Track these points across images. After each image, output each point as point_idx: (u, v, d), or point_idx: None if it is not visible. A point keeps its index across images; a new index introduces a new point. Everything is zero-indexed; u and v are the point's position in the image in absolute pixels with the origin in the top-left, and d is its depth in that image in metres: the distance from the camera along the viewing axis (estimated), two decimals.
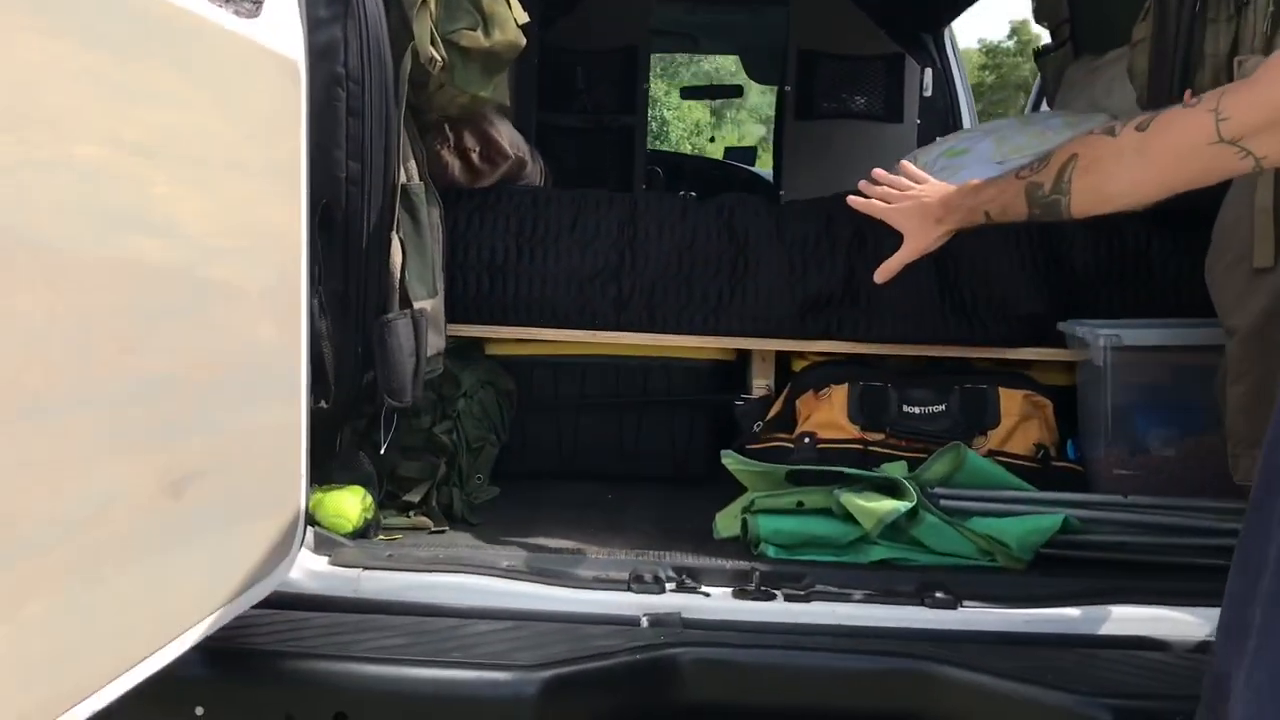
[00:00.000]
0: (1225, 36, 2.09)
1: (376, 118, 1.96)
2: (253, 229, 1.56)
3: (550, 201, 2.50)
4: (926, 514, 2.02)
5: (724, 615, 1.91)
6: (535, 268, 2.45)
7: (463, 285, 2.44)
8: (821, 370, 2.45)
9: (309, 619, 1.85)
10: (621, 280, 2.46)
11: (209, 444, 1.44)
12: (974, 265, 2.43)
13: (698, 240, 2.47)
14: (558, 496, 2.50)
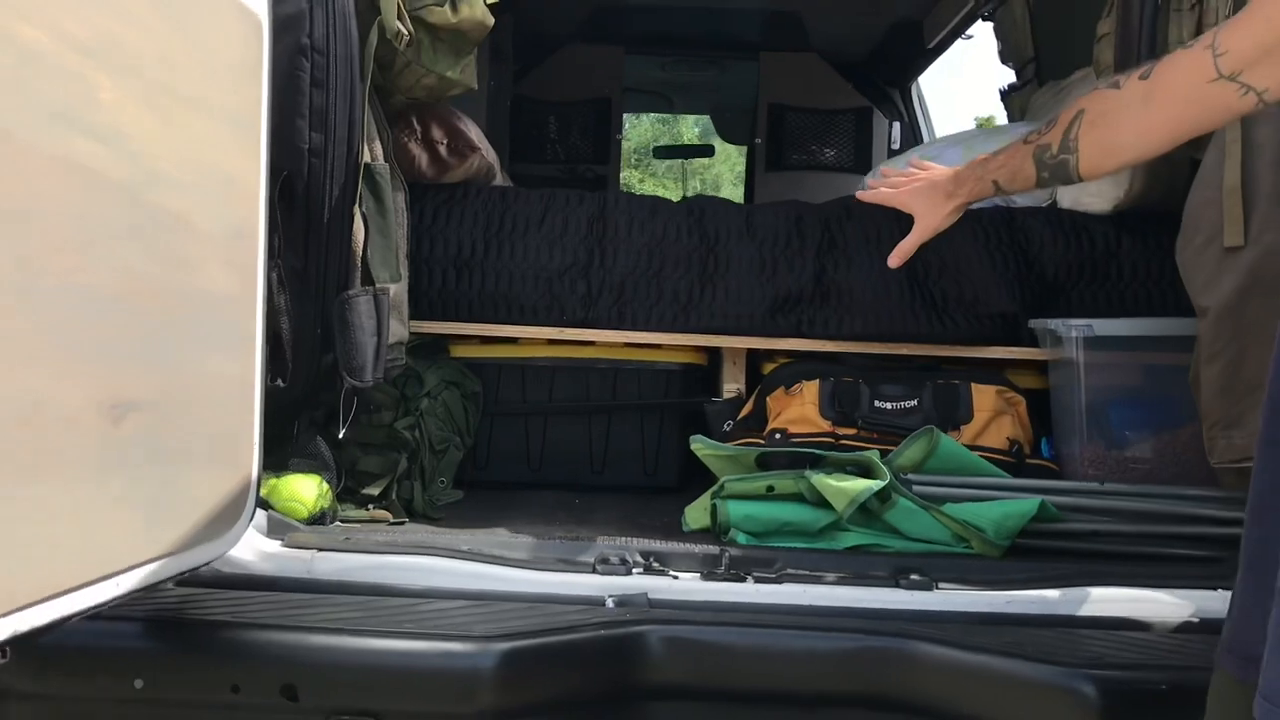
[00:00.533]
0: (1188, 24, 2.12)
1: (341, 90, 1.94)
2: (207, 170, 1.52)
3: (519, 197, 2.47)
4: (900, 498, 1.97)
5: (692, 596, 1.84)
6: (503, 263, 2.41)
7: (428, 279, 2.40)
8: (792, 368, 2.41)
9: (258, 596, 1.77)
10: (590, 277, 2.42)
11: (153, 379, 1.38)
12: (944, 264, 2.41)
13: (668, 238, 2.45)
14: (524, 500, 2.43)
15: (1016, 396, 2.36)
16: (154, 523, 1.43)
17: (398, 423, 2.30)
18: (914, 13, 4.96)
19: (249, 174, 1.66)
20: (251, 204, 1.66)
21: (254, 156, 1.67)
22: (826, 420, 2.31)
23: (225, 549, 1.67)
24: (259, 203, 1.69)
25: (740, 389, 2.54)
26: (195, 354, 1.50)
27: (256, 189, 1.68)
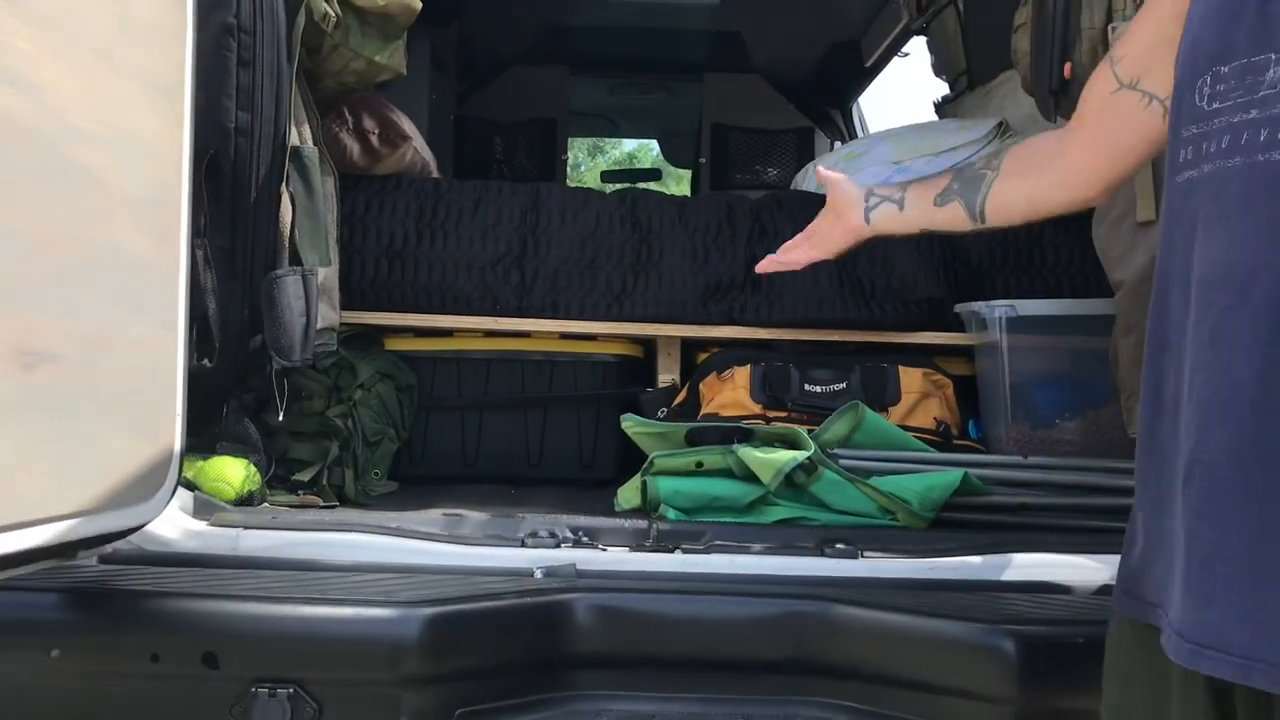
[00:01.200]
0: (1099, 10, 2.18)
1: (268, 70, 1.95)
2: (126, 131, 1.52)
3: (451, 188, 2.49)
4: (825, 470, 1.99)
5: (620, 567, 1.84)
6: (435, 253, 2.42)
7: (360, 269, 2.40)
8: (724, 355, 2.44)
9: (181, 571, 1.76)
10: (524, 267, 2.44)
11: (67, 332, 1.38)
12: (872, 252, 2.45)
13: (601, 228, 2.47)
14: (459, 491, 2.42)
15: (943, 379, 2.40)
16: (66, 480, 1.41)
17: (329, 410, 2.29)
18: (852, 33, 5.06)
19: (170, 141, 1.66)
20: (173, 170, 1.66)
21: (176, 124, 1.67)
22: (758, 404, 2.33)
23: (145, 519, 1.65)
24: (181, 170, 1.69)
25: (675, 379, 2.56)
26: (112, 315, 1.49)
27: (179, 157, 1.68)
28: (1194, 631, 1.03)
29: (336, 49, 2.09)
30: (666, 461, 2.02)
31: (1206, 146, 1.10)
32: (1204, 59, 1.13)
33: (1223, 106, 1.09)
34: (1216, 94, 1.10)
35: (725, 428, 2.09)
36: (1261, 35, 1.06)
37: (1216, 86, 1.11)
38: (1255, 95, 1.06)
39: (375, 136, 2.37)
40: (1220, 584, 1.02)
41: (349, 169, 2.39)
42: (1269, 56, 1.05)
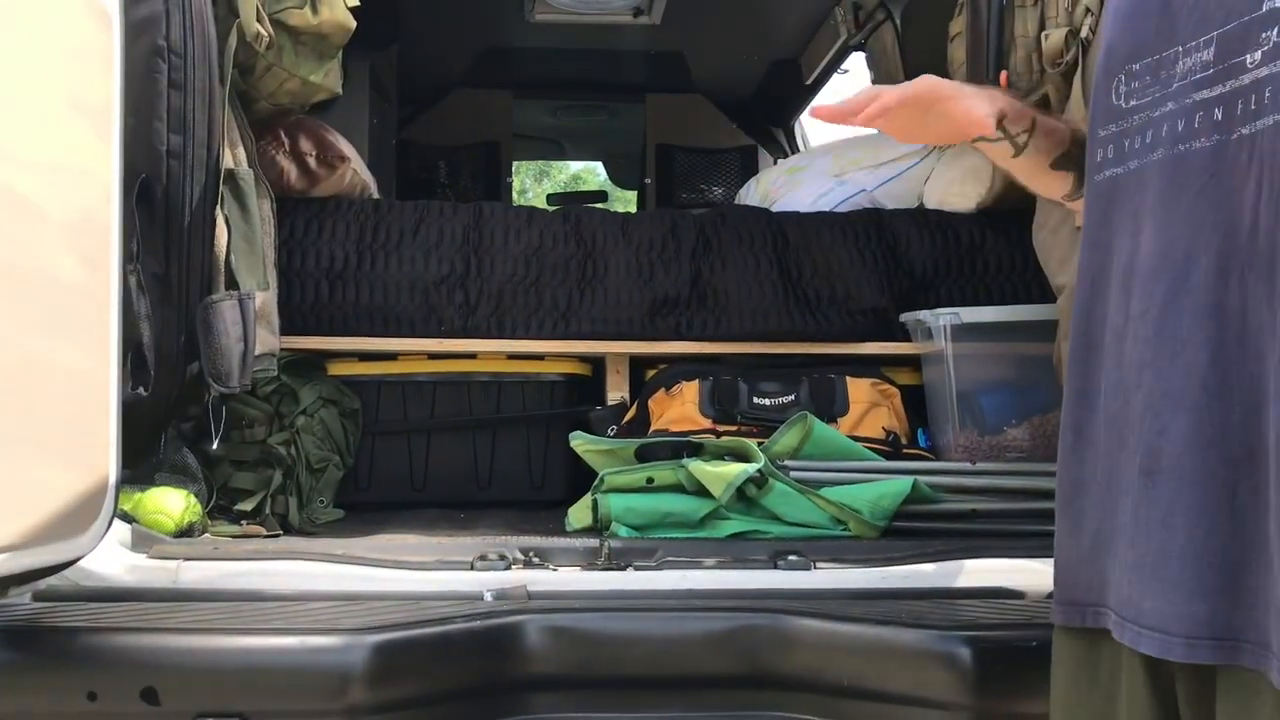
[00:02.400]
0: (1032, 19, 2.21)
1: (200, 92, 1.91)
2: (51, 152, 1.48)
3: (391, 209, 2.46)
4: (776, 482, 1.98)
5: (572, 586, 1.82)
6: (377, 274, 2.39)
7: (301, 293, 2.37)
8: (672, 370, 2.43)
9: (119, 605, 1.71)
10: (468, 286, 2.42)
11: None
12: (816, 264, 2.46)
13: (545, 245, 2.46)
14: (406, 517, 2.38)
15: (891, 389, 2.40)
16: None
17: (271, 438, 2.25)
18: (791, 51, 5.10)
19: (99, 164, 1.62)
20: (102, 194, 1.62)
21: (105, 147, 1.64)
22: (707, 418, 2.33)
23: (79, 553, 1.60)
24: (111, 194, 1.65)
25: (624, 396, 2.54)
26: (39, 343, 1.45)
27: (108, 180, 1.64)
28: (1167, 622, 1.02)
29: (270, 69, 2.07)
30: (617, 479, 2.00)
31: (1128, 144, 1.11)
32: (1117, 60, 1.14)
33: (1140, 103, 1.10)
34: (1132, 91, 1.12)
35: (675, 442, 2.07)
36: (1167, 30, 1.07)
37: (1131, 84, 1.12)
38: (1169, 89, 1.07)
39: (313, 158, 2.34)
40: (1192, 571, 1.01)
41: (286, 192, 2.36)
42: (1176, 49, 1.06)
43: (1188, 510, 1.01)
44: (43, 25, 1.47)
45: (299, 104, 2.26)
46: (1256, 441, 0.97)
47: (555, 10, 4.58)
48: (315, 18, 2.05)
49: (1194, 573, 1.00)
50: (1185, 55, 1.05)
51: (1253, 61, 0.98)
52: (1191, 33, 1.04)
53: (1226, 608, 0.99)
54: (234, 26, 1.97)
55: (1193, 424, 1.01)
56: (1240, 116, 0.99)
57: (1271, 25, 0.96)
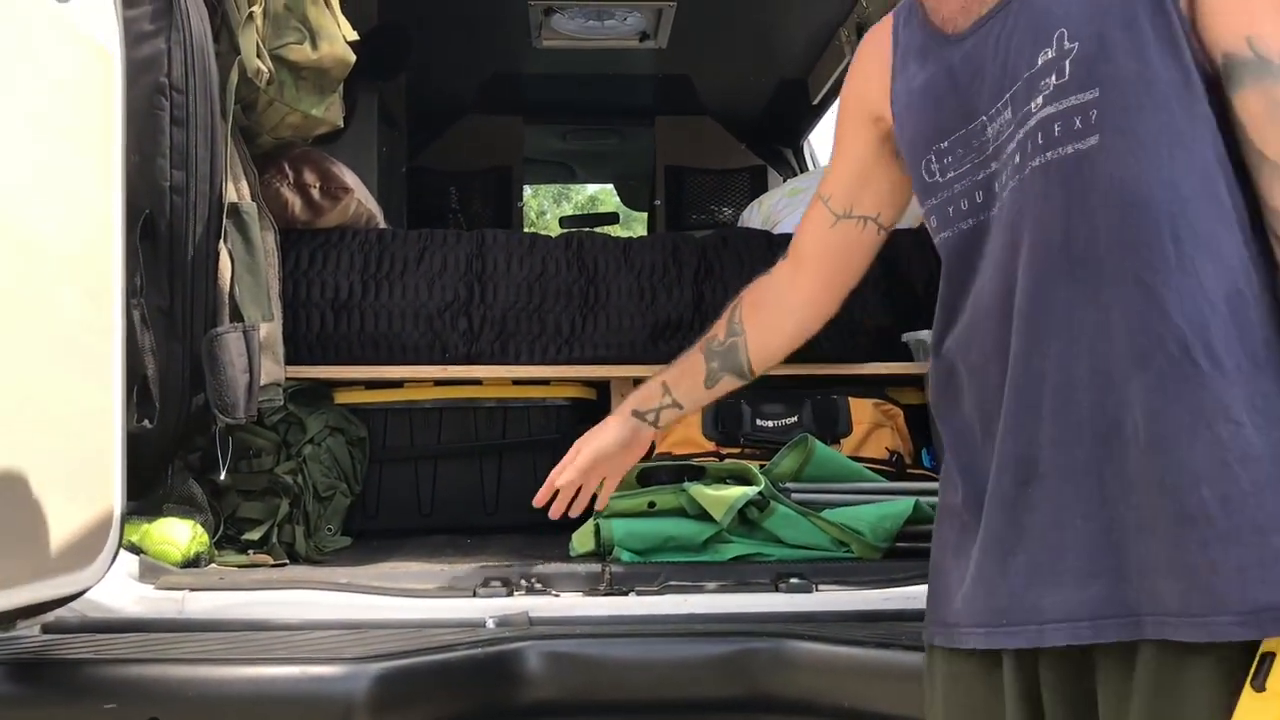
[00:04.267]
0: None
1: (202, 128, 1.94)
2: (54, 191, 1.51)
3: (395, 238, 2.49)
4: (778, 505, 1.99)
5: (574, 612, 1.83)
6: (381, 303, 2.42)
7: (306, 323, 2.39)
8: None
9: (125, 636, 1.72)
10: (472, 314, 2.44)
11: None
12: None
13: (547, 272, 2.48)
14: (413, 544, 2.40)
15: (894, 409, 2.40)
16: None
17: (278, 468, 2.27)
18: (797, 72, 5.12)
19: (102, 201, 1.65)
20: (105, 231, 1.65)
21: (106, 184, 1.67)
22: (710, 441, 2.34)
23: (85, 585, 1.63)
24: (114, 230, 1.68)
25: None
26: (44, 378, 1.47)
27: (110, 217, 1.67)
28: (1071, 610, 1.08)
29: (272, 104, 2.10)
30: (619, 503, 2.01)
31: (953, 210, 1.23)
32: (922, 144, 1.27)
33: (959, 173, 1.23)
34: (946, 166, 1.24)
35: (677, 466, 2.08)
36: (966, 108, 1.21)
37: (943, 160, 1.24)
38: (987, 152, 1.19)
39: (316, 190, 2.37)
40: (1085, 557, 1.08)
41: (291, 223, 2.39)
42: (982, 120, 1.20)
43: (1069, 504, 1.09)
44: (44, 65, 1.50)
45: (301, 137, 2.29)
46: (1109, 428, 1.07)
47: (562, 36, 4.63)
48: (315, 53, 2.08)
49: (1087, 558, 1.08)
50: (990, 121, 1.19)
51: (1036, 106, 1.13)
52: (989, 101, 1.18)
53: (1122, 585, 1.06)
54: (235, 63, 2.00)
55: (1054, 428, 1.10)
56: (1031, 152, 1.13)
57: (1049, 73, 1.12)
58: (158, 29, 1.93)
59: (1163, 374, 1.04)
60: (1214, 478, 1.01)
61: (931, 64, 1.27)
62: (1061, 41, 1.11)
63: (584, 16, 4.48)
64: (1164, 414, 1.04)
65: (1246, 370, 1.03)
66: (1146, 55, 1.08)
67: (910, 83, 1.30)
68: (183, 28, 1.93)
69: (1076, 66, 1.10)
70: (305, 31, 2.07)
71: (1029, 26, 1.15)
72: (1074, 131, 1.10)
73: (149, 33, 1.92)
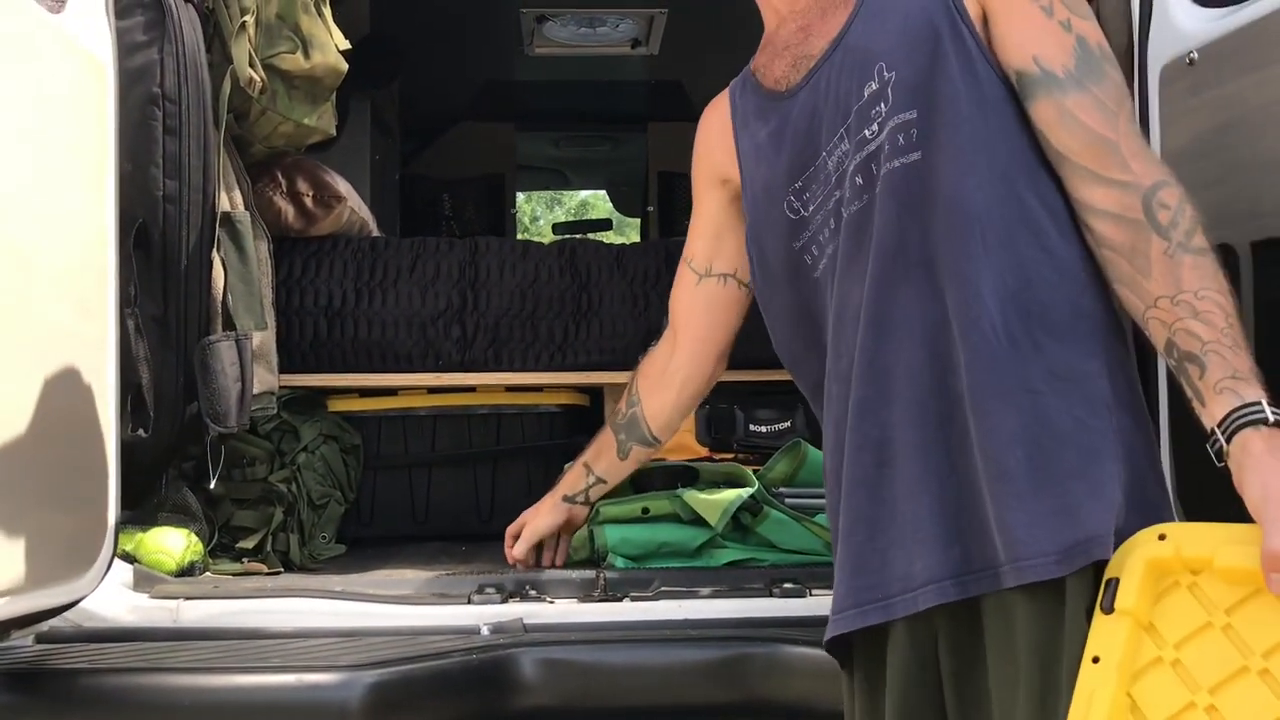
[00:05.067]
0: None
1: (195, 137, 1.95)
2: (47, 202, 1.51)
3: (388, 246, 2.49)
4: (772, 510, 1.99)
5: (568, 618, 1.83)
6: (375, 311, 2.42)
7: (300, 331, 2.40)
8: None
9: (120, 646, 1.72)
10: (465, 321, 2.44)
11: None
12: None
13: (540, 279, 2.48)
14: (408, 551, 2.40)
15: None
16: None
17: (272, 476, 2.27)
18: None
19: (95, 211, 1.66)
20: (98, 240, 1.66)
21: (99, 194, 1.67)
22: (704, 447, 2.34)
23: (80, 594, 1.63)
24: (107, 240, 1.68)
25: None
26: (37, 389, 1.47)
27: (104, 226, 1.68)
28: (934, 572, 1.19)
29: (264, 113, 2.10)
30: (612, 509, 2.01)
31: (821, 239, 1.34)
32: (778, 187, 1.39)
33: (815, 206, 1.34)
34: (804, 203, 1.36)
35: (670, 468, 2.08)
36: (807, 149, 1.35)
37: (802, 197, 1.36)
38: (831, 182, 1.32)
39: (309, 199, 2.37)
40: (941, 524, 1.19)
41: (284, 231, 2.39)
42: (822, 155, 1.33)
43: (922, 477, 1.21)
44: (37, 76, 1.51)
45: (294, 146, 2.29)
46: (950, 405, 1.20)
47: (554, 44, 4.64)
48: (307, 62, 2.09)
49: (943, 524, 1.19)
50: (830, 155, 1.32)
51: (871, 133, 1.27)
52: (827, 138, 1.32)
53: (975, 544, 1.18)
54: (228, 72, 2.01)
55: (903, 411, 1.23)
56: (875, 173, 1.26)
57: (877, 101, 1.26)
58: (150, 39, 1.93)
59: (978, 351, 1.18)
60: (1022, 439, 1.16)
61: (772, 119, 1.41)
62: (881, 72, 1.27)
63: (576, 24, 4.50)
64: (983, 386, 1.18)
65: (1044, 346, 1.18)
66: (950, 76, 1.23)
67: (755, 138, 1.44)
68: (175, 38, 1.93)
69: (896, 91, 1.25)
70: (297, 40, 2.08)
71: (852, 66, 1.30)
72: (899, 147, 1.24)
73: (141, 43, 1.93)
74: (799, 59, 1.39)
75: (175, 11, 1.94)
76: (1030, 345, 1.18)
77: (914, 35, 1.26)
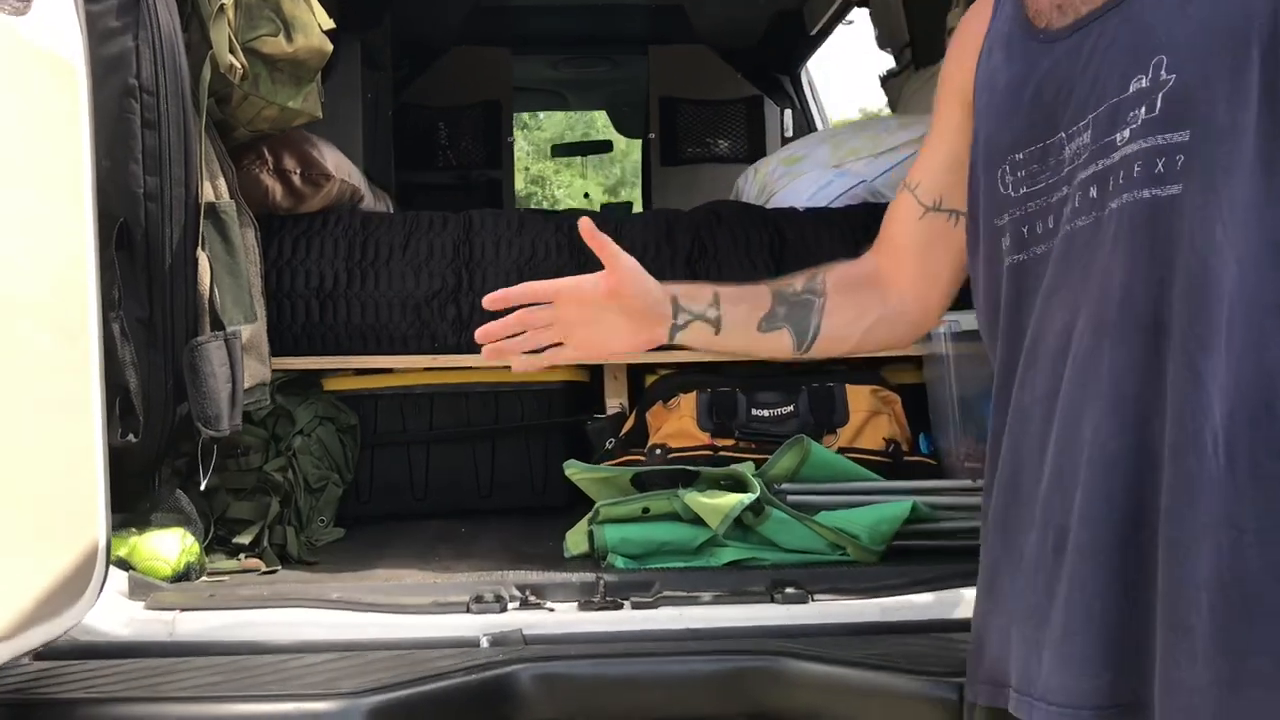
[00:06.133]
0: None
1: (175, 129, 1.87)
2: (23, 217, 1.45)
3: (381, 224, 2.42)
4: (774, 510, 1.96)
5: (568, 629, 1.81)
6: (368, 292, 2.36)
7: (291, 314, 2.34)
8: (670, 381, 2.40)
9: (115, 665, 1.71)
10: (460, 301, 2.38)
11: None
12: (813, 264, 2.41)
13: (537, 256, 2.42)
14: (407, 534, 2.38)
15: (891, 395, 2.37)
16: None
17: (267, 465, 2.24)
18: (792, 2, 4.98)
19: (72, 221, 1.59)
20: (76, 252, 1.59)
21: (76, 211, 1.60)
22: (705, 432, 2.30)
23: (76, 619, 1.60)
24: (85, 251, 1.61)
25: (623, 403, 2.52)
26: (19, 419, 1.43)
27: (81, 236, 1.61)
28: (1073, 696, 1.06)
29: (247, 98, 2.01)
30: (613, 510, 1.99)
31: (1027, 230, 1.15)
32: (998, 152, 1.19)
33: (1033, 190, 1.15)
34: (1020, 180, 1.17)
35: (671, 471, 2.05)
36: (1047, 121, 1.13)
37: (1017, 174, 1.17)
38: (1061, 174, 1.12)
39: (297, 176, 2.29)
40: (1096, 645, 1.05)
41: (273, 210, 2.32)
42: (1060, 136, 1.12)
43: (1089, 586, 1.05)
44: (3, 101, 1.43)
45: (279, 129, 2.20)
46: (1136, 515, 1.03)
47: None
48: (290, 46, 1.99)
49: (1100, 647, 1.05)
50: (1069, 141, 1.11)
51: (1121, 139, 1.05)
52: (1071, 119, 1.10)
53: (1129, 678, 1.04)
54: (207, 57, 1.92)
55: (1086, 503, 1.05)
56: (1111, 191, 1.05)
57: (1139, 104, 1.03)
58: (124, 25, 1.84)
59: (1187, 469, 0.98)
60: (1210, 586, 0.97)
61: (1018, 61, 1.18)
62: (1159, 70, 1.02)
63: None
64: (1180, 514, 0.99)
65: (1264, 471, 0.96)
66: (1247, 100, 0.97)
67: (994, 76, 1.21)
68: (151, 24, 1.84)
69: (1169, 103, 1.01)
70: (279, 22, 1.98)
71: (1127, 45, 1.05)
72: (1154, 175, 1.01)
73: (115, 29, 1.84)
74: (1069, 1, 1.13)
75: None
76: (1249, 467, 0.96)
77: (1218, 32, 0.99)
